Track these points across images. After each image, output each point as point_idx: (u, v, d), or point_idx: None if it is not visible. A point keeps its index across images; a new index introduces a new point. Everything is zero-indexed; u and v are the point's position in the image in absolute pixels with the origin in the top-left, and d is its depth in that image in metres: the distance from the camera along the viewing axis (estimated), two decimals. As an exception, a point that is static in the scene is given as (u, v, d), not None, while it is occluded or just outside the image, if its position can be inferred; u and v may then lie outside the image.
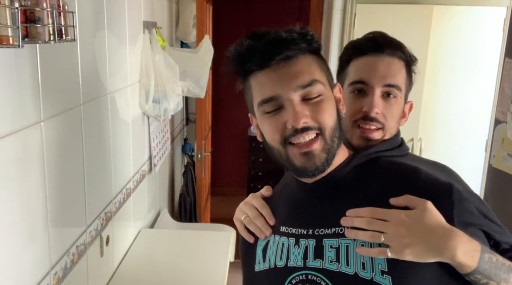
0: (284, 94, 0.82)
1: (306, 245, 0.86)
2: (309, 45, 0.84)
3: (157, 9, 2.47)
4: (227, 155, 4.93)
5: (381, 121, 0.98)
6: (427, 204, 0.78)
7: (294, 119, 0.81)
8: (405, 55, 1.00)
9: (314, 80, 0.82)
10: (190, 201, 3.19)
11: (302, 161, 0.84)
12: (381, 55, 0.99)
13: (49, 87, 1.18)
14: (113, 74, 1.68)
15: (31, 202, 1.12)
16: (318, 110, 0.82)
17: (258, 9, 4.66)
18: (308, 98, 0.82)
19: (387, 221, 0.78)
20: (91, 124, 1.48)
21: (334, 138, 0.84)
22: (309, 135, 0.82)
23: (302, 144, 0.82)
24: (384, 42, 1.00)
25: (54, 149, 1.22)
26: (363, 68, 1.00)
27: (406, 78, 1.00)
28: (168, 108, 2.17)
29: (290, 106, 0.82)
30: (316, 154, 0.83)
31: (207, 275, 1.88)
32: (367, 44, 1.01)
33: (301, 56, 0.83)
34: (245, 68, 0.86)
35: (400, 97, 0.99)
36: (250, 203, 1.00)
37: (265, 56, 0.82)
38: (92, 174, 1.50)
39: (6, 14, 0.81)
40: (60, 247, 1.29)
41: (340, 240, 0.82)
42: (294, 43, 0.82)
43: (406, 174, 0.86)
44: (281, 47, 0.81)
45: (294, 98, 0.82)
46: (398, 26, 2.85)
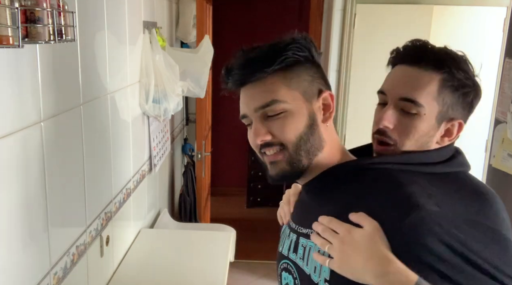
0: (249, 113, 0.90)
1: (291, 239, 0.96)
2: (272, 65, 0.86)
3: (157, 9, 2.47)
4: (227, 155, 4.93)
5: (393, 137, 0.92)
6: (372, 226, 0.77)
7: (253, 137, 0.89)
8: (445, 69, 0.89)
9: (273, 100, 0.86)
10: (190, 201, 3.19)
11: (270, 169, 0.91)
12: (410, 66, 0.92)
13: (49, 87, 1.18)
14: (113, 74, 1.68)
15: (31, 202, 1.12)
16: (278, 128, 0.87)
17: (258, 9, 4.66)
18: (271, 114, 0.87)
19: (337, 233, 0.81)
20: (91, 124, 1.48)
21: (299, 152, 0.87)
22: (272, 149, 0.88)
23: (269, 155, 0.89)
24: (416, 52, 0.93)
25: (54, 149, 1.22)
26: (388, 78, 0.96)
27: (438, 94, 0.89)
28: (168, 108, 2.18)
29: (253, 124, 0.90)
30: (280, 165, 0.89)
31: (207, 275, 1.88)
32: (401, 53, 0.95)
33: (267, 76, 0.87)
34: (227, 86, 0.94)
35: (423, 114, 0.89)
36: (288, 190, 1.10)
37: (235, 80, 0.90)
38: (92, 174, 1.50)
39: (6, 14, 0.81)
40: (60, 247, 1.29)
41: (308, 241, 0.89)
42: (259, 66, 0.86)
43: (382, 189, 0.83)
44: (247, 71, 0.88)
45: (255, 118, 0.89)
46: (398, 26, 2.85)
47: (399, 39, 1.01)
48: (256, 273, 3.46)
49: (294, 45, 0.89)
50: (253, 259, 3.61)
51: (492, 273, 0.74)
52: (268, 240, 3.98)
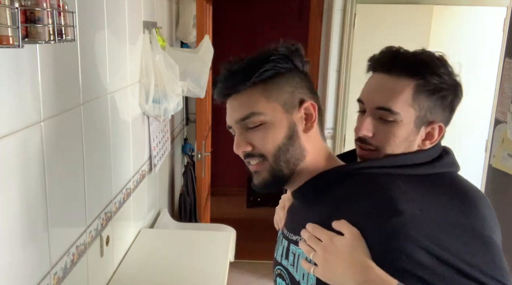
0: (232, 125, 0.94)
1: (283, 245, 0.97)
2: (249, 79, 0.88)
3: (157, 9, 2.47)
4: (227, 155, 4.91)
5: (373, 143, 0.93)
6: (352, 234, 0.77)
7: (236, 148, 0.93)
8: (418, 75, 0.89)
9: (252, 113, 0.89)
10: (190, 201, 3.19)
11: (254, 178, 0.94)
12: (384, 74, 0.93)
13: (49, 87, 1.18)
14: (113, 74, 1.68)
15: (31, 202, 1.12)
16: (258, 139, 0.90)
17: (258, 9, 4.66)
18: (251, 126, 0.90)
19: (321, 241, 0.82)
20: (91, 124, 1.48)
21: (279, 162, 0.89)
22: (253, 160, 0.91)
23: (251, 165, 0.93)
24: (388, 60, 0.93)
25: (54, 149, 1.22)
26: (366, 86, 0.97)
27: (413, 100, 0.89)
28: (168, 108, 2.18)
29: (235, 135, 0.93)
30: (262, 175, 0.92)
31: (207, 275, 1.88)
32: (375, 61, 0.96)
33: (247, 89, 0.90)
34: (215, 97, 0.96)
35: (400, 121, 0.90)
36: (283, 196, 1.11)
37: (218, 92, 0.94)
38: (92, 174, 1.50)
39: (6, 14, 0.81)
40: (60, 247, 1.29)
41: (297, 248, 0.91)
42: (239, 80, 0.89)
43: (363, 194, 0.83)
44: (227, 85, 0.91)
45: (236, 129, 0.93)
46: (398, 26, 2.85)
47: (399, 39, 1.02)
48: (256, 273, 3.46)
49: (275, 56, 0.89)
50: (253, 259, 3.61)
51: (475, 276, 0.74)
52: (268, 240, 3.98)
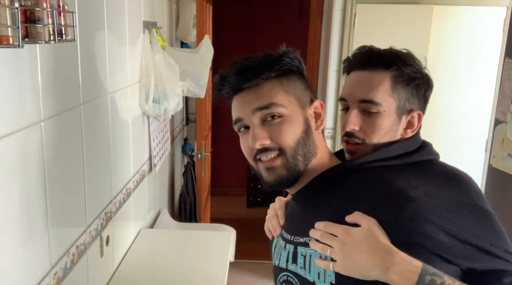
0: (245, 117, 0.92)
1: (289, 250, 0.96)
2: (272, 71, 0.90)
3: (157, 9, 2.47)
4: (227, 155, 4.92)
5: (360, 136, 0.98)
6: (369, 222, 0.79)
7: (251, 141, 0.90)
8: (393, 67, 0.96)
9: (271, 103, 0.89)
10: (190, 201, 3.19)
11: (266, 175, 0.92)
12: (362, 70, 0.99)
13: (49, 87, 1.18)
14: (113, 74, 1.68)
15: (31, 202, 1.12)
16: (277, 131, 0.89)
17: (258, 9, 4.66)
18: (269, 119, 0.89)
19: (336, 236, 0.82)
20: (91, 124, 1.48)
21: (297, 156, 0.90)
22: (269, 154, 0.90)
23: (265, 161, 0.91)
24: (363, 57, 1.00)
25: (54, 149, 1.22)
26: (345, 85, 1.03)
27: (392, 90, 0.96)
28: (168, 108, 2.18)
29: (251, 129, 0.91)
30: (277, 170, 0.90)
31: (207, 275, 1.88)
32: (350, 61, 1.03)
33: (264, 82, 0.90)
34: (221, 94, 0.96)
35: (383, 111, 0.96)
36: (273, 204, 1.10)
37: (231, 86, 0.92)
38: (92, 174, 1.50)
39: (6, 14, 0.81)
40: (60, 247, 1.29)
41: (307, 249, 0.90)
42: (257, 72, 0.90)
43: (371, 187, 0.86)
44: (244, 77, 0.90)
45: (253, 121, 0.90)
46: (398, 26, 2.85)
47: (399, 39, 1.03)
48: (256, 273, 3.46)
49: (287, 56, 0.92)
50: (253, 259, 3.61)
51: (494, 252, 0.78)
52: (268, 240, 3.99)
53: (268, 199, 4.48)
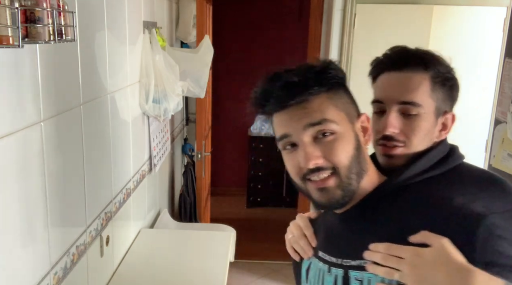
0: (295, 133, 0.85)
1: (336, 274, 0.89)
2: (321, 86, 0.84)
3: (157, 9, 2.47)
4: (227, 155, 4.93)
5: (401, 139, 0.94)
6: (443, 242, 0.74)
7: (304, 161, 0.83)
8: (431, 68, 0.94)
9: (324, 119, 0.83)
10: (190, 201, 3.19)
11: (318, 196, 0.86)
12: (399, 71, 0.95)
13: (49, 87, 1.18)
14: (113, 74, 1.68)
15: (31, 202, 1.12)
16: (330, 150, 0.83)
17: (258, 9, 4.66)
18: (321, 137, 0.84)
19: (403, 259, 0.76)
20: (91, 124, 1.48)
21: (350, 175, 0.85)
22: (323, 174, 0.84)
23: (318, 181, 0.84)
24: (400, 57, 0.97)
25: (54, 149, 1.22)
26: (380, 86, 0.99)
27: (431, 91, 0.94)
28: (168, 108, 2.18)
29: (301, 147, 0.84)
30: (331, 191, 0.84)
31: (207, 275, 1.88)
32: (385, 61, 0.99)
33: (314, 97, 0.84)
34: (263, 110, 0.90)
35: (423, 113, 0.93)
36: (297, 223, 1.03)
37: (277, 102, 0.85)
38: (92, 174, 1.50)
39: (6, 14, 0.81)
40: (60, 247, 1.29)
41: (363, 273, 0.84)
42: (306, 87, 0.84)
43: (435, 206, 0.81)
44: (292, 92, 0.84)
45: (304, 139, 0.84)
46: (398, 26, 2.85)
47: (399, 39, 1.02)
48: (256, 273, 3.46)
49: (331, 67, 0.87)
50: (253, 259, 3.61)
51: None
52: (268, 240, 3.99)
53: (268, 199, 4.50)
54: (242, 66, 4.72)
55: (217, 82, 4.29)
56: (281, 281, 3.37)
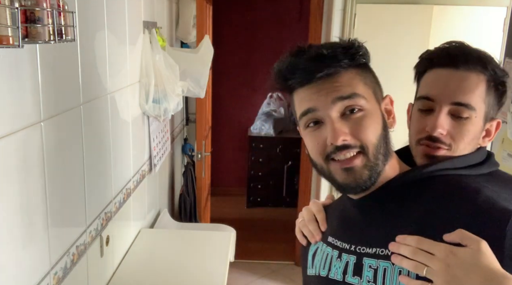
0: (322, 108, 0.80)
1: (347, 261, 0.85)
2: (352, 60, 0.81)
3: (157, 9, 2.47)
4: (227, 155, 4.93)
5: (447, 142, 0.89)
6: (481, 245, 0.71)
7: (332, 136, 0.79)
8: (488, 70, 0.88)
9: (354, 94, 0.80)
10: (190, 201, 3.19)
11: (343, 177, 0.82)
12: (454, 69, 0.89)
13: (49, 87, 1.18)
14: (113, 74, 1.68)
15: (31, 202, 1.12)
16: (359, 127, 0.80)
17: (258, 9, 4.66)
18: (348, 113, 0.80)
19: (434, 255, 0.73)
20: (91, 124, 1.48)
21: (378, 155, 0.81)
22: (350, 152, 0.79)
23: (343, 160, 0.80)
24: (459, 54, 0.90)
25: (54, 149, 1.22)
26: (432, 83, 0.92)
27: (485, 95, 0.88)
28: (168, 108, 2.18)
29: (329, 123, 0.80)
30: (358, 171, 0.80)
31: (207, 275, 1.88)
32: (441, 56, 0.92)
33: (343, 71, 0.81)
34: (286, 85, 0.85)
35: (475, 117, 0.88)
36: (309, 208, 1.00)
37: (305, 74, 0.81)
38: (92, 174, 1.50)
39: (6, 14, 0.81)
40: (60, 247, 1.29)
41: (379, 261, 0.80)
42: (335, 60, 0.80)
43: (462, 198, 0.78)
44: (321, 64, 0.80)
45: (332, 114, 0.80)
46: (398, 26, 2.85)
47: (399, 39, 1.01)
48: (256, 273, 3.46)
49: (359, 45, 0.84)
50: (253, 259, 3.61)
51: None
52: (268, 240, 4.00)
53: (268, 199, 4.50)
54: (242, 66, 4.72)
55: (217, 82, 4.30)
56: (281, 281, 3.37)
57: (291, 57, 0.84)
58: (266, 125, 4.47)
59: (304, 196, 3.47)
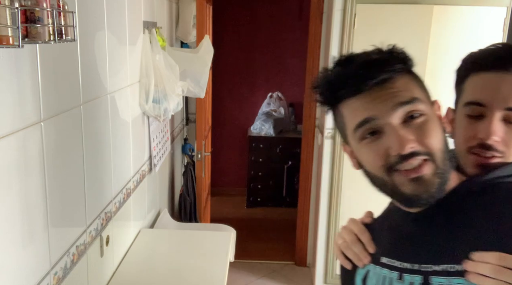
0: (381, 116, 0.75)
1: (411, 281, 0.77)
2: (404, 64, 0.78)
3: (157, 9, 2.47)
4: (227, 155, 4.93)
5: (500, 149, 0.83)
6: None
7: (399, 145, 0.73)
8: None
9: (414, 98, 0.75)
10: (190, 201, 3.19)
11: (412, 188, 0.75)
12: (505, 72, 0.84)
13: (49, 87, 1.18)
14: (113, 74, 1.68)
15: (31, 202, 1.12)
16: (424, 133, 0.74)
17: (258, 8, 4.66)
18: (409, 119, 0.75)
19: None
20: (91, 124, 1.48)
21: (445, 161, 0.75)
22: (417, 160, 0.73)
23: (410, 170, 0.74)
24: (508, 56, 0.86)
25: (54, 149, 1.22)
26: (482, 87, 0.86)
27: None
28: (168, 108, 2.18)
29: (392, 131, 0.74)
30: (428, 179, 0.74)
31: (207, 275, 1.88)
32: (489, 58, 0.87)
33: (397, 76, 0.77)
34: (336, 96, 0.80)
35: None
36: (349, 227, 0.92)
37: (357, 82, 0.76)
38: (92, 174, 1.50)
39: (6, 14, 0.81)
40: (60, 247, 1.29)
41: (451, 279, 0.73)
42: (388, 65, 0.76)
43: None
44: (374, 70, 0.76)
45: (393, 121, 0.74)
46: (398, 26, 2.85)
47: (399, 39, 1.01)
48: (256, 273, 3.46)
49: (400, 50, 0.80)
50: (253, 259, 3.61)
51: None
52: (268, 240, 4.00)
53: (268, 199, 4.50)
54: (242, 66, 4.72)
55: (217, 82, 4.30)
56: (281, 281, 3.37)
57: (337, 68, 0.80)
58: (266, 125, 4.47)
59: (304, 196, 3.47)
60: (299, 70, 4.35)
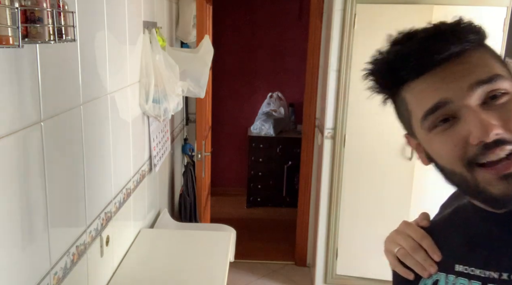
0: (456, 99, 0.62)
1: None
2: (478, 35, 0.65)
3: (157, 9, 2.47)
4: (227, 155, 4.93)
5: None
6: None
7: (481, 131, 0.59)
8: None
9: (496, 75, 0.62)
10: (190, 201, 3.19)
11: (501, 187, 0.61)
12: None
13: (49, 87, 1.18)
14: (113, 74, 1.68)
15: (31, 202, 1.12)
16: (510, 116, 0.60)
17: (258, 8, 4.66)
18: (490, 100, 0.61)
19: None
20: (91, 124, 1.48)
21: None
22: (504, 150, 0.59)
23: (499, 166, 0.60)
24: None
25: (54, 149, 1.22)
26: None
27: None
28: (168, 108, 2.18)
29: (471, 115, 0.61)
30: None
31: (207, 275, 1.88)
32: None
33: (472, 50, 0.64)
34: (397, 78, 0.67)
35: None
36: (404, 232, 0.78)
37: (422, 59, 0.64)
38: (92, 174, 1.50)
39: (6, 14, 0.81)
40: (60, 247, 1.29)
41: None
42: (460, 36, 0.63)
43: None
44: (442, 43, 0.63)
45: (471, 103, 0.61)
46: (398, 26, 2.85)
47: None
48: (256, 273, 3.46)
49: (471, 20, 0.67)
50: (253, 259, 3.61)
51: None
52: (268, 240, 4.00)
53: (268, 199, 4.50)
54: (242, 66, 4.72)
55: (217, 82, 4.30)
56: (281, 281, 3.37)
57: (396, 46, 0.67)
58: (266, 125, 4.47)
59: (304, 196, 3.48)
60: (299, 70, 4.35)
